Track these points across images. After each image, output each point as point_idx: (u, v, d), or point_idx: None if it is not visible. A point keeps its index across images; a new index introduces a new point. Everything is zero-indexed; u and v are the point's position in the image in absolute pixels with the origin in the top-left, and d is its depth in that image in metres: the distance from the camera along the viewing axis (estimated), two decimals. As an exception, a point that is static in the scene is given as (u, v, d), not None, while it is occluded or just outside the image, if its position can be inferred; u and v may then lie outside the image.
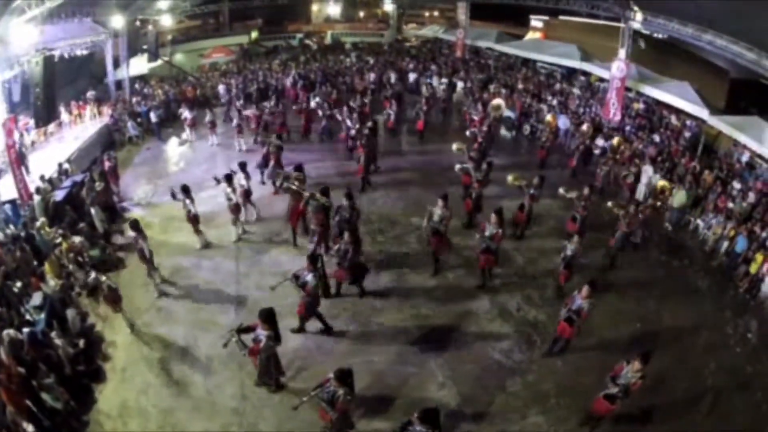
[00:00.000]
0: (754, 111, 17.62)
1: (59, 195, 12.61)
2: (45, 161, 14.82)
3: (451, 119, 21.54)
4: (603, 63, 20.90)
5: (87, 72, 20.15)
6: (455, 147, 14.03)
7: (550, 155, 16.89)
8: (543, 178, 12.31)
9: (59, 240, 11.15)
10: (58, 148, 16.21)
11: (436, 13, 34.09)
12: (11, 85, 15.40)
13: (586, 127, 17.51)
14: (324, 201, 10.81)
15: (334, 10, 33.20)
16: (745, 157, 15.71)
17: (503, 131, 19.98)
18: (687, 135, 17.54)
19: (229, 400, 8.23)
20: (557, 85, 22.27)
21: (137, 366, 8.92)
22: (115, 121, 18.39)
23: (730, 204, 13.38)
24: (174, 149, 18.18)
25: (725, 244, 12.48)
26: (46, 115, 14.27)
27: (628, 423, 7.81)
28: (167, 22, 23.07)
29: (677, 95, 17.84)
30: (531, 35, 28.37)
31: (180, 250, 12.09)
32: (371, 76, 23.89)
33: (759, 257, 11.44)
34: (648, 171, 14.94)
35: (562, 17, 25.76)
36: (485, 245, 10.14)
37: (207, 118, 17.64)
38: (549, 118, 18.14)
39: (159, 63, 23.76)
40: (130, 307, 10.10)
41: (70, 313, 9.32)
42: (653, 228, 13.40)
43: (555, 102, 20.50)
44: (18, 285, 10.01)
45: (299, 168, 12.41)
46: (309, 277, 8.47)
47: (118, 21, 19.21)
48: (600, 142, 17.11)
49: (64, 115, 17.76)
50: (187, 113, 17.79)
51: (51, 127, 16.96)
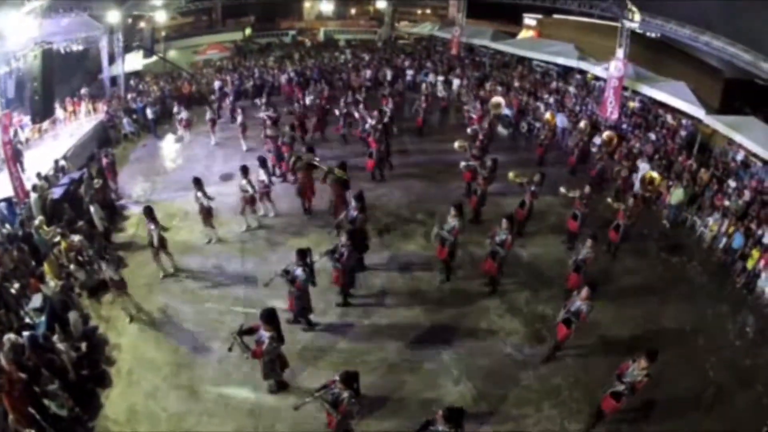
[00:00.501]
0: (748, 111, 17.67)
1: (57, 192, 12.13)
2: (40, 159, 14.38)
3: (448, 117, 21.26)
4: (599, 61, 20.73)
5: (82, 68, 19.52)
6: (457, 144, 13.81)
7: (547, 153, 16.73)
8: (544, 175, 12.12)
9: (58, 239, 10.70)
10: (52, 145, 15.73)
11: (428, 11, 33.76)
12: (6, 82, 14.90)
13: (583, 125, 17.26)
14: (342, 174, 11.48)
15: (326, 7, 32.72)
16: (740, 156, 15.74)
17: (500, 129, 19.73)
18: (683, 134, 17.50)
19: (243, 402, 7.95)
20: (554, 84, 22.09)
21: (144, 369, 8.56)
22: (111, 118, 17.89)
23: (726, 202, 13.40)
24: (171, 146, 17.68)
25: (723, 240, 12.49)
26: (43, 111, 13.68)
27: (630, 419, 7.76)
28: (161, 18, 22.46)
29: (674, 95, 17.71)
30: (524, 33, 28.12)
31: (183, 248, 11.68)
32: (367, 73, 23.55)
33: (755, 253, 11.51)
34: (644, 168, 14.91)
35: (556, 15, 25.51)
36: (492, 249, 9.88)
37: (207, 116, 17.13)
38: (548, 116, 17.91)
39: (154, 59, 23.23)
40: (134, 310, 9.78)
41: (72, 316, 8.92)
42: (652, 225, 13.38)
43: (552, 100, 20.29)
44: (16, 286, 9.59)
45: (311, 149, 12.80)
46: (298, 272, 8.29)
47: (114, 16, 18.67)
48: (597, 140, 16.94)
49: (58, 112, 17.24)
50: (184, 114, 17.27)
51: (45, 125, 16.42)
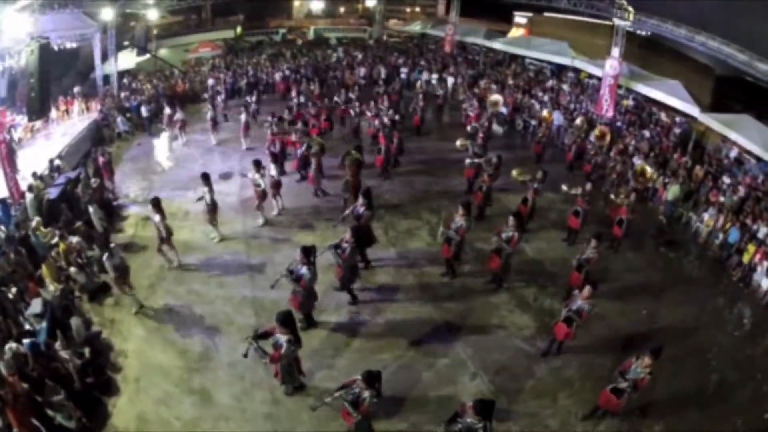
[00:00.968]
0: (739, 108, 17.71)
1: (53, 193, 11.60)
2: (33, 159, 13.77)
3: (444, 115, 20.94)
4: (590, 59, 20.72)
5: (73, 67, 18.84)
6: (459, 143, 13.74)
7: (545, 150, 16.63)
8: (546, 172, 12.15)
9: (55, 241, 10.21)
10: (45, 145, 15.13)
11: (417, 9, 33.51)
12: (-1, 80, 14.26)
13: (579, 122, 17.12)
14: (358, 156, 12.09)
15: (316, 6, 32.26)
16: (734, 153, 15.84)
17: (495, 126, 19.44)
18: (677, 131, 17.55)
19: (260, 405, 7.62)
20: (549, 82, 21.93)
21: (152, 375, 8.13)
22: (105, 117, 17.28)
23: (721, 198, 13.49)
24: (166, 145, 17.04)
25: (720, 236, 12.54)
26: (40, 108, 13.02)
27: (636, 413, 7.70)
28: (153, 16, 21.84)
29: (669, 93, 17.70)
30: (514, 32, 27.85)
31: (186, 248, 11.22)
32: (361, 71, 23.19)
33: (751, 248, 11.63)
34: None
35: (547, 14, 25.34)
36: (498, 246, 9.77)
37: (209, 115, 16.52)
38: (545, 113, 17.70)
39: (146, 57, 22.58)
40: (137, 313, 9.39)
41: (74, 322, 8.43)
42: (649, 221, 13.42)
43: (546, 98, 20.13)
44: (13, 291, 9.06)
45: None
46: (303, 270, 8.03)
47: (107, 13, 18.09)
48: (593, 137, 16.74)
49: (51, 111, 16.46)
50: (179, 114, 16.54)
51: (38, 124, 15.75)
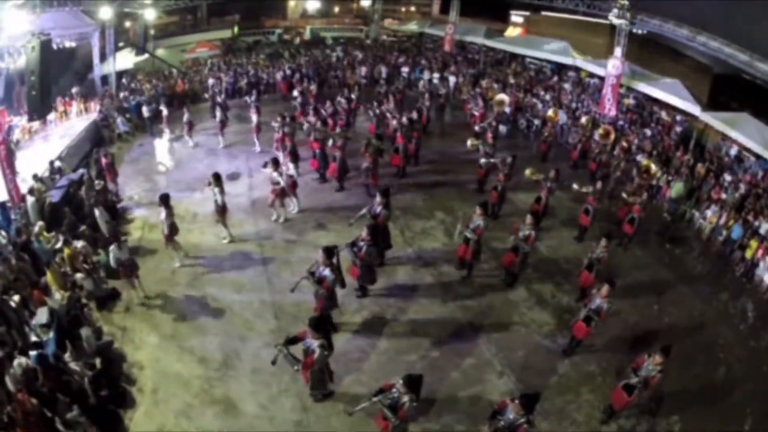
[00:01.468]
0: (735, 106, 17.80)
1: (55, 195, 10.97)
2: (31, 161, 13.05)
3: (447, 114, 20.37)
4: (587, 58, 20.47)
5: (71, 68, 18.03)
6: (470, 143, 13.63)
7: (550, 149, 16.41)
8: (558, 171, 12.06)
9: (59, 246, 9.55)
10: (43, 146, 14.41)
11: (412, 9, 33.03)
12: (-4, 80, 13.53)
13: (584, 120, 16.87)
14: (378, 144, 12.44)
15: (311, 5, 31.65)
16: (733, 151, 15.84)
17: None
18: (678, 129, 17.48)
19: (289, 413, 7.24)
20: (553, 79, 21.59)
21: (171, 385, 7.60)
22: (104, 117, 16.56)
23: (723, 195, 13.53)
24: (169, 145, 16.31)
25: (723, 232, 12.60)
26: (42, 107, 12.25)
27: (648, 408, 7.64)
28: (150, 16, 21.11)
29: (670, 92, 17.52)
30: (511, 31, 27.45)
31: (197, 251, 10.71)
32: (362, 70, 22.65)
33: (753, 243, 11.73)
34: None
35: (544, 12, 24.98)
36: (516, 245, 9.67)
37: (217, 116, 15.81)
38: (551, 113, 17.31)
39: (144, 57, 21.85)
40: (150, 321, 8.81)
41: (84, 332, 7.83)
42: (653, 218, 13.23)
43: (548, 97, 19.79)
44: (15, 299, 8.39)
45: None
46: (326, 272, 7.68)
47: (106, 12, 17.40)
48: (596, 135, 16.40)
49: (52, 111, 15.82)
50: (186, 116, 15.76)
51: (35, 125, 14.98)
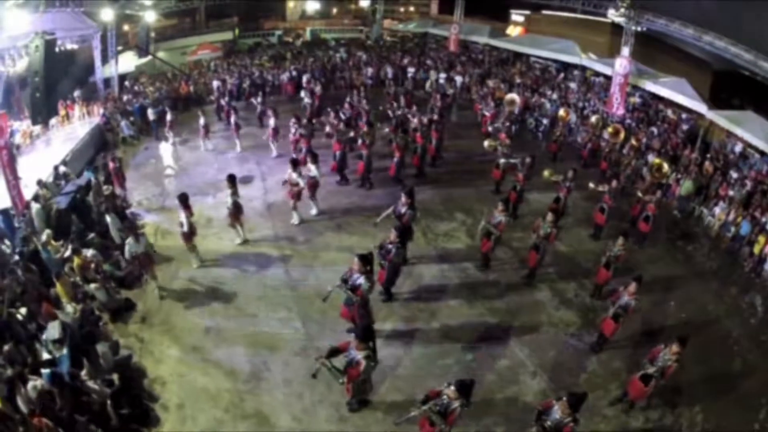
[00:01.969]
0: (736, 102, 17.85)
1: (62, 202, 10.24)
2: (32, 166, 12.35)
3: (454, 114, 19.70)
4: (599, 58, 20.06)
5: (71, 72, 17.24)
6: (487, 144, 13.53)
7: (560, 149, 16.09)
8: (576, 171, 12.06)
9: (67, 254, 8.88)
10: (45, 152, 13.71)
11: (412, 9, 32.53)
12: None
13: (594, 120, 16.51)
14: (405, 137, 12.84)
15: (311, 6, 31.07)
16: (738, 148, 15.71)
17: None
18: (684, 128, 17.27)
19: (325, 424, 6.84)
20: (560, 77, 21.13)
21: (197, 401, 7.01)
22: (107, 121, 15.80)
23: (730, 192, 13.46)
24: (175, 149, 15.51)
25: (732, 228, 12.54)
26: (46, 110, 11.48)
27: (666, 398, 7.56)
28: (151, 18, 20.38)
29: (676, 91, 17.27)
30: (511, 30, 26.98)
31: (215, 257, 10.12)
32: (369, 71, 22.07)
33: (762, 239, 11.64)
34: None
35: (545, 12, 24.54)
36: (536, 243, 9.56)
37: (232, 119, 15.15)
38: (562, 112, 16.91)
39: (146, 60, 21.10)
40: (170, 333, 8.18)
41: (100, 348, 7.21)
42: (663, 216, 12.99)
43: (555, 96, 19.36)
44: (23, 311, 7.73)
45: (371, 125, 13.29)
46: (361, 280, 7.23)
47: (107, 14, 16.75)
48: (606, 134, 16.18)
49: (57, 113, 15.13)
50: (202, 120, 15.16)
51: (37, 130, 14.22)
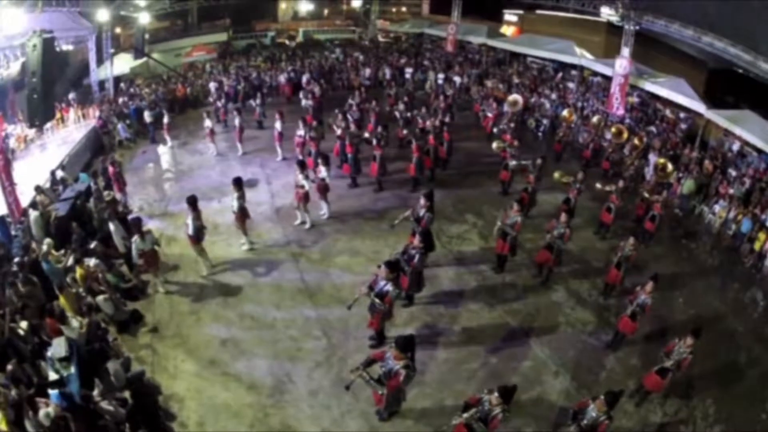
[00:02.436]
0: (730, 99, 17.89)
1: (62, 208, 9.63)
2: (29, 171, 11.76)
3: (454, 115, 19.39)
4: (598, 58, 19.71)
5: (66, 73, 16.50)
6: (495, 146, 13.46)
7: (564, 149, 15.90)
8: (586, 173, 12.04)
9: (69, 264, 8.36)
10: (42, 156, 13.06)
11: (404, 9, 32.19)
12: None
13: (596, 120, 16.42)
14: (425, 137, 12.93)
15: (305, 7, 30.55)
16: (736, 146, 15.64)
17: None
18: (683, 127, 17.19)
19: None
20: (558, 76, 20.83)
21: (219, 418, 6.57)
22: (104, 124, 15.15)
23: (730, 190, 13.45)
24: (174, 152, 15.02)
25: (733, 226, 12.59)
26: (44, 112, 10.75)
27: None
28: (145, 20, 19.74)
29: (675, 90, 16.99)
30: (505, 29, 26.64)
31: (225, 265, 9.62)
32: (366, 72, 21.63)
33: (762, 236, 11.70)
34: (655, 161, 14.48)
35: (539, 11, 24.25)
36: (551, 242, 9.48)
37: (236, 122, 14.47)
38: (566, 113, 16.70)
39: (140, 62, 20.42)
40: (183, 346, 7.65)
41: (111, 366, 6.65)
42: (665, 214, 12.81)
43: (554, 96, 19.11)
44: (23, 326, 7.15)
45: (385, 127, 13.55)
46: (388, 287, 6.99)
47: (103, 14, 16.10)
48: (608, 134, 16.11)
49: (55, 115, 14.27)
50: (208, 122, 14.57)
51: (32, 134, 13.52)
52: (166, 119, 15.06)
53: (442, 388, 7.10)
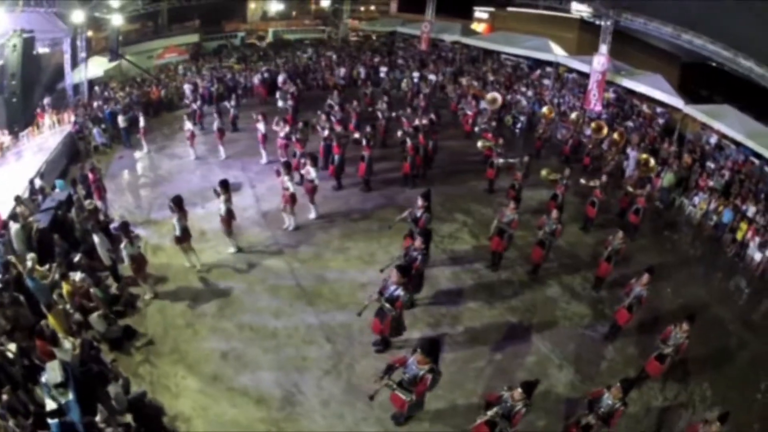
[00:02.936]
0: (704, 92, 18.18)
1: (43, 220, 9.01)
2: (6, 181, 11.00)
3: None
4: (574, 55, 19.67)
5: (38, 79, 15.52)
6: (480, 144, 13.42)
7: (543, 146, 15.94)
8: (572, 169, 12.14)
9: (54, 278, 7.82)
10: (17, 164, 12.24)
11: (372, 8, 31.72)
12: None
13: (575, 116, 16.44)
14: (417, 136, 12.54)
15: (274, 7, 29.78)
16: (713, 140, 15.88)
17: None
18: (660, 121, 17.34)
19: None
20: (536, 74, 20.76)
21: None
22: (80, 129, 14.38)
23: (710, 182, 13.68)
24: (151, 157, 14.34)
25: (714, 217, 12.84)
26: (23, 117, 9.99)
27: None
28: (118, 21, 18.84)
29: (653, 86, 17.05)
30: (476, 26, 26.43)
31: (217, 274, 9.19)
32: (341, 71, 21.21)
33: (743, 226, 12.07)
34: (634, 155, 14.64)
35: (510, 8, 24.24)
36: (542, 239, 9.53)
37: (215, 125, 13.86)
38: (545, 110, 16.67)
39: (113, 65, 19.56)
40: (183, 362, 7.26)
41: (112, 389, 6.27)
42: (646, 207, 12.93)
43: (530, 93, 19.11)
44: (12, 348, 6.60)
45: (373, 127, 13.18)
46: (399, 291, 6.87)
47: (78, 16, 15.29)
48: (587, 130, 16.17)
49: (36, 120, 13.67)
50: (188, 125, 13.82)
51: (7, 141, 12.70)
52: (142, 123, 14.37)
53: (453, 388, 7.02)
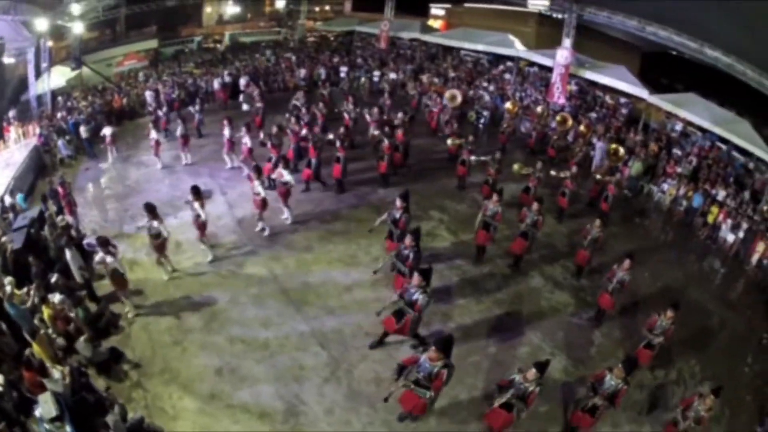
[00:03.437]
0: (665, 81, 18.55)
1: (17, 240, 8.45)
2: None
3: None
4: (536, 49, 19.59)
5: (4, 89, 14.57)
6: (450, 142, 13.56)
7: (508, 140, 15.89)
8: (544, 162, 12.40)
9: (34, 302, 7.33)
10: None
11: (327, 8, 31.41)
12: None
13: (540, 109, 16.66)
14: (392, 136, 12.54)
15: (230, 10, 28.96)
16: (679, 127, 16.21)
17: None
18: (624, 111, 17.67)
19: None
20: (499, 69, 20.85)
21: None
22: (45, 141, 13.61)
23: (678, 169, 14.03)
24: (118, 168, 13.60)
25: (684, 202, 13.23)
26: None
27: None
28: (79, 29, 17.68)
29: (617, 78, 17.19)
30: (432, 23, 26.22)
31: (199, 286, 8.82)
32: (301, 72, 20.77)
33: (714, 209, 12.53)
34: (600, 146, 14.92)
35: (466, 4, 24.32)
36: (524, 231, 9.65)
37: (178, 131, 13.27)
38: (509, 105, 16.74)
39: (75, 74, 18.58)
40: (176, 382, 6.96)
41: (111, 419, 5.89)
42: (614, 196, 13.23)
43: (492, 88, 19.20)
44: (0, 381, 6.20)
45: (347, 128, 13.33)
46: (417, 295, 6.91)
47: (42, 24, 14.53)
48: (552, 123, 16.39)
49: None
50: (154, 134, 13.27)
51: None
52: (109, 132, 13.70)
53: (453, 384, 6.84)
